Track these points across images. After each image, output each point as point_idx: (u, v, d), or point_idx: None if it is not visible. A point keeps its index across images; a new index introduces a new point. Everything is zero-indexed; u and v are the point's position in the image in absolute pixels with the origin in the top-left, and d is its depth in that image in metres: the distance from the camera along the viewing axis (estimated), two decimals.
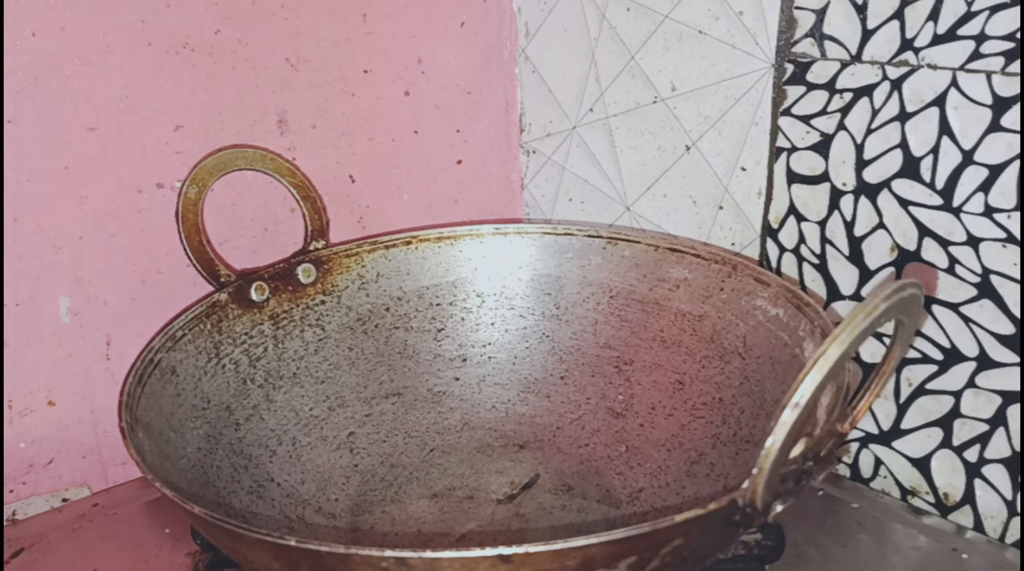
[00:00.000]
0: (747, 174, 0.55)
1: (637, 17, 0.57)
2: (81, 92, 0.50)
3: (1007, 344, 0.45)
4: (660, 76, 0.57)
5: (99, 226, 0.53)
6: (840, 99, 0.49)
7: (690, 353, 0.52)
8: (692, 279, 0.52)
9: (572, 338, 0.56)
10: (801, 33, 0.50)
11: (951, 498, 0.49)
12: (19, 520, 0.52)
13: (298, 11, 0.57)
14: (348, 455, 0.52)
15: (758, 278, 0.49)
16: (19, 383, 0.52)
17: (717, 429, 0.48)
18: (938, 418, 0.49)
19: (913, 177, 0.47)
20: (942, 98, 0.45)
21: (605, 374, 0.54)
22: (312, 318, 0.54)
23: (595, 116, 0.62)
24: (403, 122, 0.63)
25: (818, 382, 0.30)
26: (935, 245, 0.47)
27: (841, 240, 0.51)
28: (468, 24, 0.65)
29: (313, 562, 0.32)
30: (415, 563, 0.30)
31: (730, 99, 0.54)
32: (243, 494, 0.46)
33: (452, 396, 0.56)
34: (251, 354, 0.51)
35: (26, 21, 0.48)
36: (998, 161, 0.44)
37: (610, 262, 0.55)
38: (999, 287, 0.45)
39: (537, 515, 0.48)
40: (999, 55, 0.42)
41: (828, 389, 0.37)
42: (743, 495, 0.32)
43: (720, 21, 0.53)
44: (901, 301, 0.31)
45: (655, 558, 0.32)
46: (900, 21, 0.46)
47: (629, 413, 0.53)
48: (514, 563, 0.30)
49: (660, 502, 0.48)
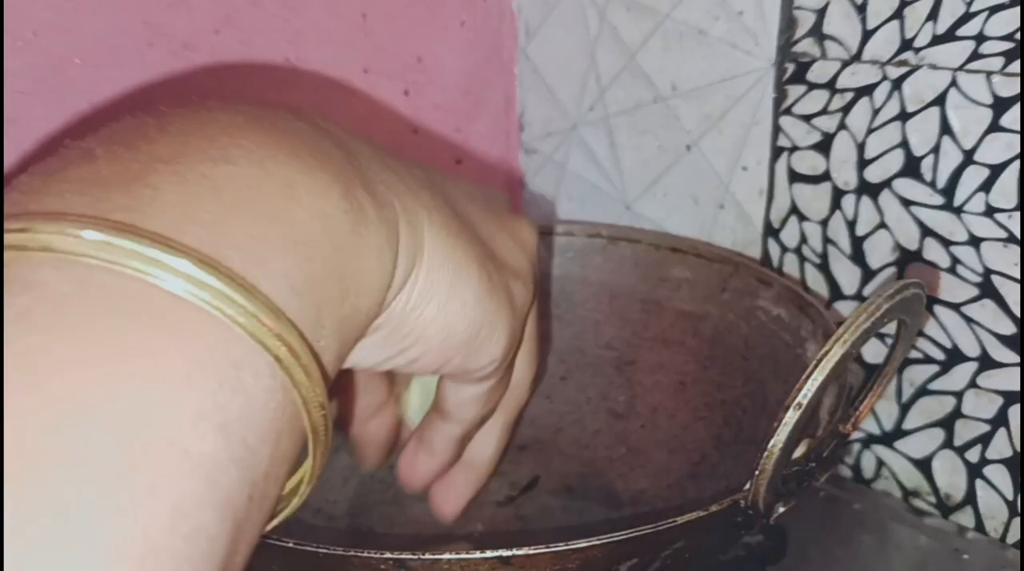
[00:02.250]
0: (748, 173, 0.54)
1: (637, 17, 0.57)
2: (82, 92, 0.50)
3: (1008, 344, 0.45)
4: (660, 75, 0.57)
5: None
6: (841, 98, 0.49)
7: (692, 353, 0.51)
8: (694, 279, 0.52)
9: (573, 338, 0.56)
10: (801, 33, 0.49)
11: (952, 499, 0.49)
12: None
13: (299, 11, 0.57)
14: (347, 456, 0.52)
15: (760, 278, 0.49)
16: None
17: (719, 430, 0.48)
18: (940, 419, 0.48)
19: (914, 177, 0.47)
20: (942, 98, 0.45)
21: (606, 375, 0.54)
22: None
23: (595, 115, 0.62)
24: (403, 122, 0.63)
25: (820, 382, 0.30)
26: (936, 245, 0.47)
27: (843, 240, 0.51)
28: (468, 23, 0.65)
29: (312, 564, 0.32)
30: (415, 565, 0.30)
31: (731, 98, 0.54)
32: None
33: None
34: None
35: (27, 21, 0.48)
36: (998, 161, 0.43)
37: (611, 262, 0.55)
38: (1000, 287, 0.45)
39: (537, 517, 0.48)
40: (998, 55, 0.42)
41: (831, 390, 0.37)
42: (745, 496, 0.32)
43: (720, 21, 0.53)
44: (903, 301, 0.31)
45: (656, 560, 0.32)
46: (900, 21, 0.45)
47: (630, 414, 0.53)
48: (514, 565, 0.30)
49: (662, 503, 0.48)
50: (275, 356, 0.21)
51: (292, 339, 0.21)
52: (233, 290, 0.20)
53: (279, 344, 0.21)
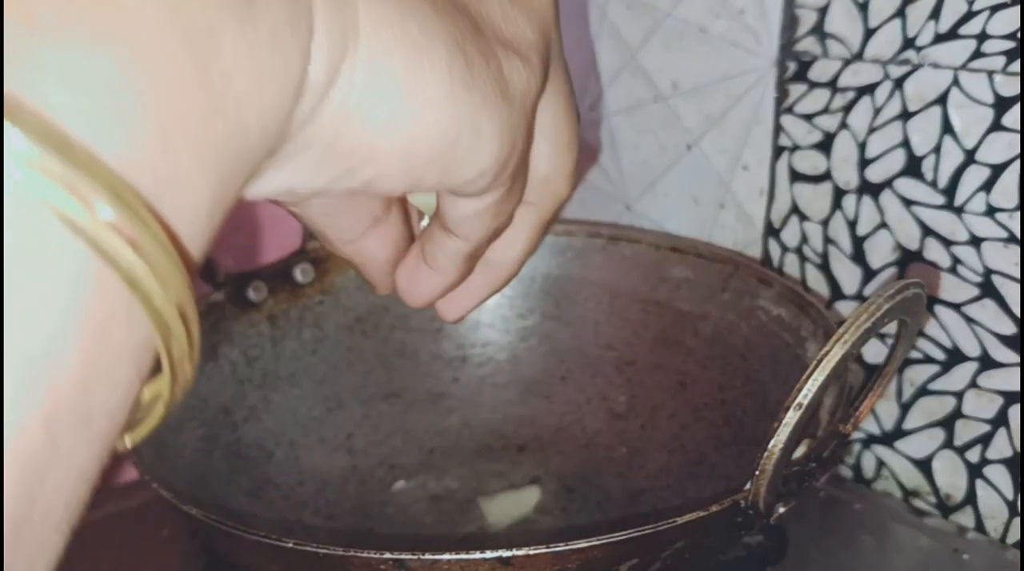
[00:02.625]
0: (749, 173, 0.54)
1: (638, 15, 0.57)
2: None
3: (1009, 344, 0.45)
4: (661, 74, 0.57)
5: None
6: (842, 98, 0.49)
7: (692, 354, 0.51)
8: (694, 279, 0.52)
9: (573, 338, 0.56)
10: (803, 31, 0.49)
11: (953, 499, 0.49)
12: None
13: None
14: (346, 456, 0.52)
15: (760, 278, 0.49)
16: None
17: (719, 430, 0.48)
18: (940, 419, 0.48)
19: (915, 176, 0.47)
20: (944, 97, 0.45)
21: (606, 375, 0.54)
22: (310, 318, 0.54)
23: (595, 115, 0.62)
24: None
25: (821, 383, 0.30)
26: (937, 245, 0.47)
27: (844, 240, 0.51)
28: None
29: (311, 564, 0.31)
30: (414, 565, 0.30)
31: (732, 97, 0.54)
32: (241, 495, 0.46)
33: (451, 397, 0.56)
34: (248, 354, 0.51)
35: None
36: (999, 161, 0.43)
37: (611, 262, 0.55)
38: (1001, 287, 0.45)
39: (538, 517, 0.48)
40: (1000, 54, 0.42)
41: (831, 390, 0.37)
42: (745, 497, 0.32)
43: (721, 19, 0.53)
44: (904, 301, 0.31)
45: (657, 560, 0.32)
46: (902, 20, 0.45)
47: (630, 414, 0.53)
48: (514, 565, 0.30)
49: (662, 504, 0.48)
50: (68, 217, 0.14)
51: (102, 185, 0.14)
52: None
53: (78, 199, 0.14)
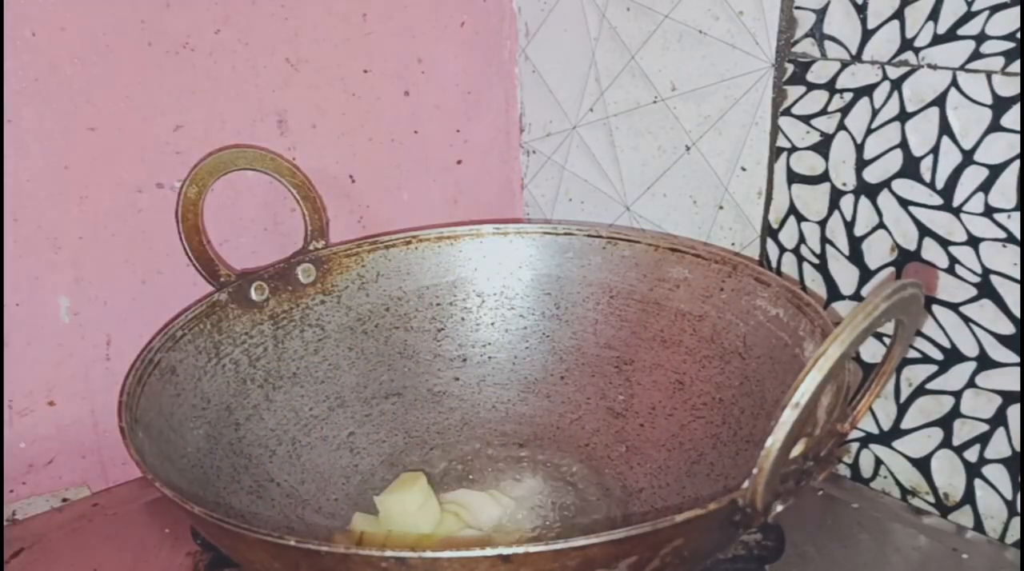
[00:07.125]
0: (747, 174, 0.55)
1: (637, 17, 0.57)
2: (81, 92, 0.50)
3: (1007, 344, 0.45)
4: (660, 76, 0.57)
5: (99, 226, 0.52)
6: (840, 99, 0.49)
7: (690, 353, 0.51)
8: (692, 279, 0.52)
9: (572, 338, 0.56)
10: (801, 33, 0.50)
11: (951, 498, 0.49)
12: (19, 520, 0.52)
13: (298, 11, 0.57)
14: (348, 455, 0.52)
15: (758, 278, 0.49)
16: (19, 383, 0.52)
17: (717, 429, 0.48)
18: (938, 418, 0.49)
19: (913, 177, 0.47)
20: (942, 98, 0.45)
21: (605, 374, 0.54)
22: (312, 318, 0.54)
23: (595, 116, 0.62)
24: (403, 122, 0.63)
25: (818, 382, 0.30)
26: (935, 245, 0.47)
27: (841, 240, 0.51)
28: (468, 24, 0.65)
29: (313, 562, 0.32)
30: (415, 563, 0.30)
31: (730, 99, 0.54)
32: (243, 494, 0.46)
33: (452, 396, 0.56)
34: (251, 354, 0.51)
35: (26, 21, 0.48)
36: (998, 161, 0.44)
37: (610, 262, 0.55)
38: (999, 287, 0.45)
39: (534, 515, 0.48)
40: (999, 55, 0.42)
41: (828, 389, 0.37)
42: (743, 495, 0.32)
43: (720, 21, 0.53)
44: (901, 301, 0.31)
45: (655, 558, 0.32)
46: (900, 21, 0.46)
47: (629, 413, 0.53)
48: (514, 563, 0.30)
49: (660, 502, 0.48)
50: None
51: None
52: None
53: None
